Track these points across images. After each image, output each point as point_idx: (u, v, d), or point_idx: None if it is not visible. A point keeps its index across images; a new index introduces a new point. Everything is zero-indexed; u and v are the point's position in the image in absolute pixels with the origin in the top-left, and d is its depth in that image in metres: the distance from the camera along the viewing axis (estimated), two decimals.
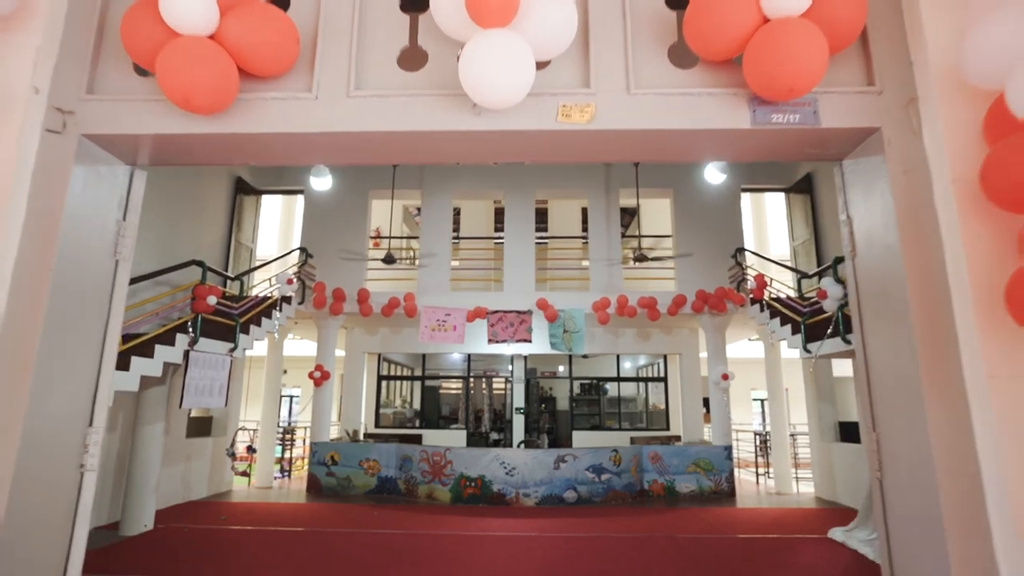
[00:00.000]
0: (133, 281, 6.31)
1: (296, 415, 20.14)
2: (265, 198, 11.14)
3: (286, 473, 12.47)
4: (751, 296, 8.61)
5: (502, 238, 10.31)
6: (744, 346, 13.72)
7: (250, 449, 7.33)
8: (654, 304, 9.18)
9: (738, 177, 10.37)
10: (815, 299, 7.51)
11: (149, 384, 6.40)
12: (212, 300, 6.41)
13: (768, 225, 11.22)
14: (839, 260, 6.45)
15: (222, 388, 6.97)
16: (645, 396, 13.78)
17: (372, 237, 10.63)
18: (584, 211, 12.29)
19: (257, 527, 6.72)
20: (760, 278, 8.41)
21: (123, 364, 5.42)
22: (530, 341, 9.22)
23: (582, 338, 9.13)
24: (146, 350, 5.77)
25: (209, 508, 7.88)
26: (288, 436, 13.61)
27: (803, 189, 10.00)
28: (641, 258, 9.05)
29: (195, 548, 5.80)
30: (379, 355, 12.67)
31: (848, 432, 8.97)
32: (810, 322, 7.08)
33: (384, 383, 12.91)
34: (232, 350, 7.17)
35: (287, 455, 12.96)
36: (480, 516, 7.44)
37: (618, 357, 12.89)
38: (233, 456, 7.23)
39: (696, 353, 11.49)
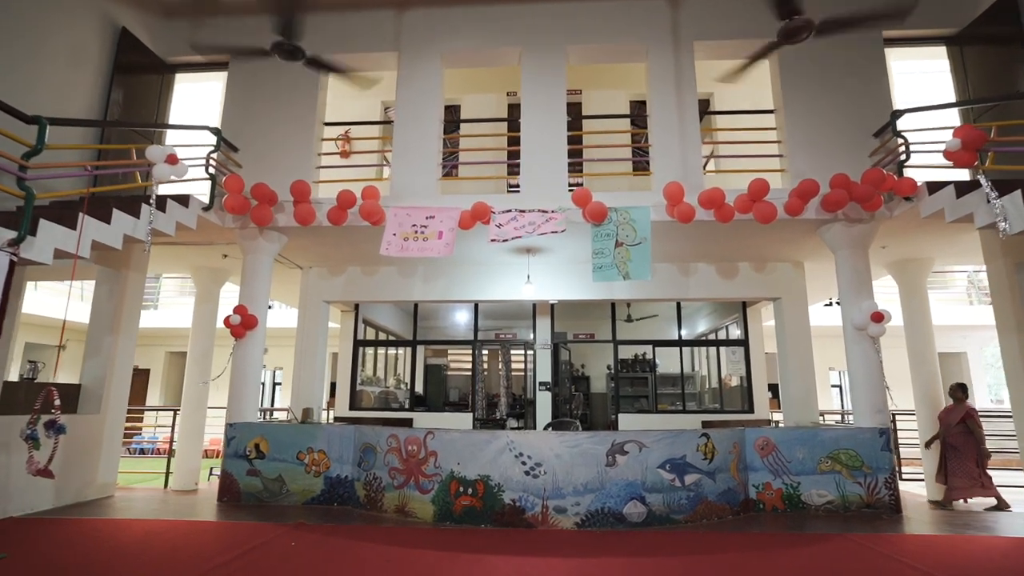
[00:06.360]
0: None
1: (278, 402, 17.11)
2: (188, 84, 7.85)
3: None
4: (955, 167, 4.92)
5: (518, 122, 6.85)
6: (817, 312, 9.91)
7: (52, 428, 4.02)
8: (763, 191, 5.59)
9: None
10: None
11: None
12: None
13: (897, 93, 7.37)
14: None
15: None
16: (717, 367, 10.19)
17: (336, 137, 7.33)
18: (634, 105, 8.76)
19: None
20: (968, 130, 4.78)
21: None
22: (562, 231, 5.67)
23: (646, 254, 5.61)
24: None
25: (43, 531, 4.65)
26: None
27: (985, 35, 6.35)
28: (793, 32, 5.17)
29: None
30: (356, 311, 9.37)
31: None
32: None
33: (363, 351, 9.59)
34: (15, 243, 3.89)
35: None
36: (480, 552, 4.04)
37: (679, 312, 9.35)
38: (35, 442, 3.96)
39: (803, 297, 7.91)
